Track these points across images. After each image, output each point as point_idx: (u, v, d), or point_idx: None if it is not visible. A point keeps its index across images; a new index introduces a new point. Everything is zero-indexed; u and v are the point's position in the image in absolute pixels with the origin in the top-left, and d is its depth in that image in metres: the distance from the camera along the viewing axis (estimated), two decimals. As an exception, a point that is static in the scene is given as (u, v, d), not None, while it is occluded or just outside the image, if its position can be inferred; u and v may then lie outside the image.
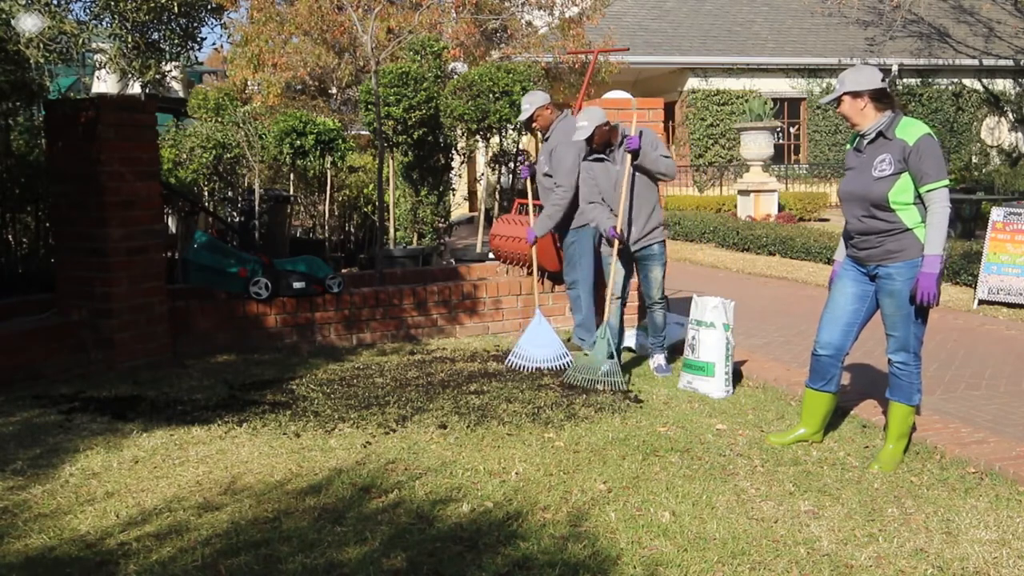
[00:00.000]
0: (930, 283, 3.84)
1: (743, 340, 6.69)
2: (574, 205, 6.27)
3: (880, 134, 3.98)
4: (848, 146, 4.21)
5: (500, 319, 7.23)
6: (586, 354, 5.71)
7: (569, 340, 6.43)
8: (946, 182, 3.87)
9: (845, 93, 4.02)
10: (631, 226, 5.69)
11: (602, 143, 5.69)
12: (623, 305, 5.90)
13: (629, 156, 5.55)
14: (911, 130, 3.91)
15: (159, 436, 4.46)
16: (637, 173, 5.65)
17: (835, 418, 4.77)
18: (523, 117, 6.37)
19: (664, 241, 5.83)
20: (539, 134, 6.61)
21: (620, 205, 5.62)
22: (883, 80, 4.04)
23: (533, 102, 6.34)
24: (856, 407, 4.89)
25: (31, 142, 8.02)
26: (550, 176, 6.30)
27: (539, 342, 6.10)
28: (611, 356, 5.50)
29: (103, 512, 3.51)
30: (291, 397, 5.20)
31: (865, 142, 4.04)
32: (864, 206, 4.00)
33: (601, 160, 5.75)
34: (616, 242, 5.61)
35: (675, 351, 6.26)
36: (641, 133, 5.62)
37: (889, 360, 4.14)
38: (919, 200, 3.92)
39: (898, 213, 3.93)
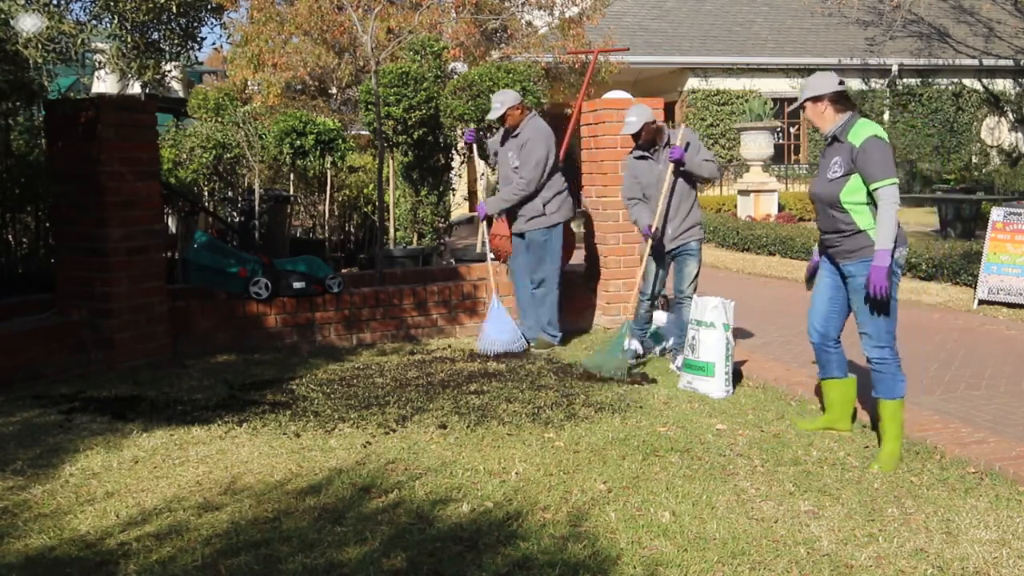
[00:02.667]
0: (880, 276, 3.99)
1: (743, 340, 6.69)
2: (538, 203, 6.37)
3: (835, 137, 4.18)
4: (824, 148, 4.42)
5: (500, 319, 7.21)
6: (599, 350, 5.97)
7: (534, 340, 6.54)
8: (893, 180, 4.02)
9: (807, 99, 4.22)
10: (668, 224, 5.84)
11: (647, 141, 5.84)
12: (652, 303, 6.10)
13: (673, 165, 5.69)
14: (860, 132, 4.08)
15: (159, 436, 4.46)
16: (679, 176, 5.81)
17: (835, 418, 4.77)
18: (495, 115, 6.40)
19: (701, 239, 5.98)
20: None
21: (659, 206, 5.76)
22: (840, 84, 4.23)
23: (504, 101, 6.41)
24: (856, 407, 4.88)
25: (31, 142, 8.02)
26: (519, 170, 6.41)
27: (502, 328, 6.32)
28: (624, 351, 5.74)
29: (103, 512, 3.51)
30: (291, 397, 5.20)
31: (826, 144, 4.27)
32: (824, 206, 4.24)
33: (645, 158, 5.89)
34: (649, 241, 5.77)
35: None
36: (687, 146, 5.72)
37: (867, 357, 4.25)
38: (872, 201, 4.08)
39: (851, 214, 4.12)
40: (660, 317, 6.53)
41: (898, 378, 4.18)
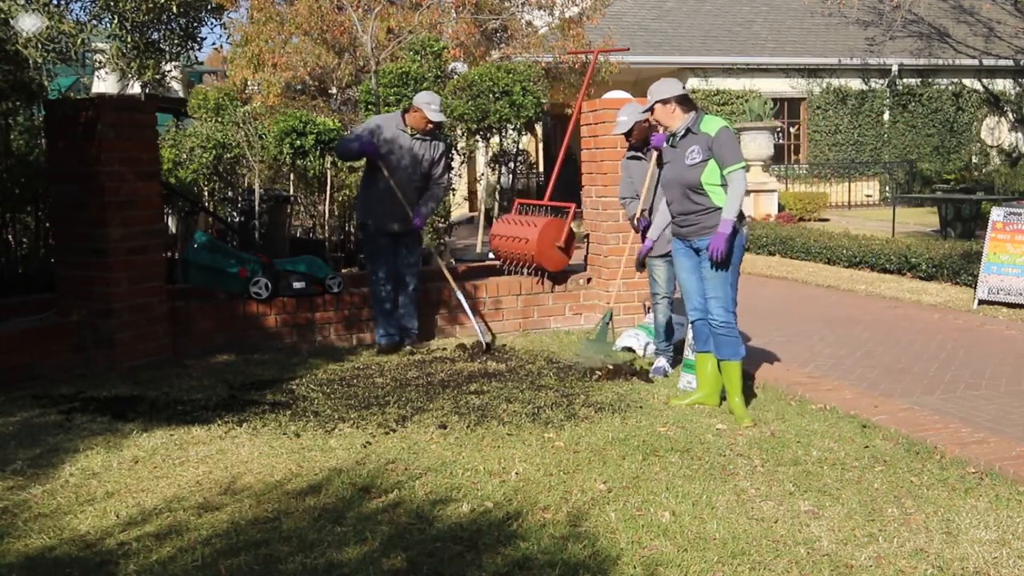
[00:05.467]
0: (720, 242, 4.65)
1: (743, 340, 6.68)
2: (389, 204, 6.39)
3: (688, 130, 4.81)
4: (666, 144, 5.02)
5: (500, 319, 7.22)
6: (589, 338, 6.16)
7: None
8: (742, 164, 4.71)
9: (657, 102, 4.85)
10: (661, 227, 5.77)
11: (640, 140, 5.76)
12: (671, 303, 5.96)
13: (655, 153, 5.61)
14: (712, 125, 4.75)
15: (159, 436, 4.45)
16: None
17: (835, 418, 4.78)
18: (438, 118, 6.37)
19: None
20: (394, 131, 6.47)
21: (642, 196, 5.74)
22: (683, 88, 4.91)
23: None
24: (855, 407, 4.89)
25: (31, 142, 8.03)
26: (423, 177, 6.45)
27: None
28: (603, 340, 6.04)
29: (103, 512, 3.51)
30: (291, 397, 5.20)
31: (677, 138, 4.87)
32: (682, 190, 4.81)
33: (638, 159, 5.84)
34: (639, 229, 5.73)
35: (675, 351, 6.25)
36: (653, 135, 5.67)
37: (712, 324, 4.83)
38: (725, 183, 4.72)
39: (709, 195, 4.75)
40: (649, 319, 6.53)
41: (739, 341, 4.84)
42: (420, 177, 6.47)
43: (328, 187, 10.30)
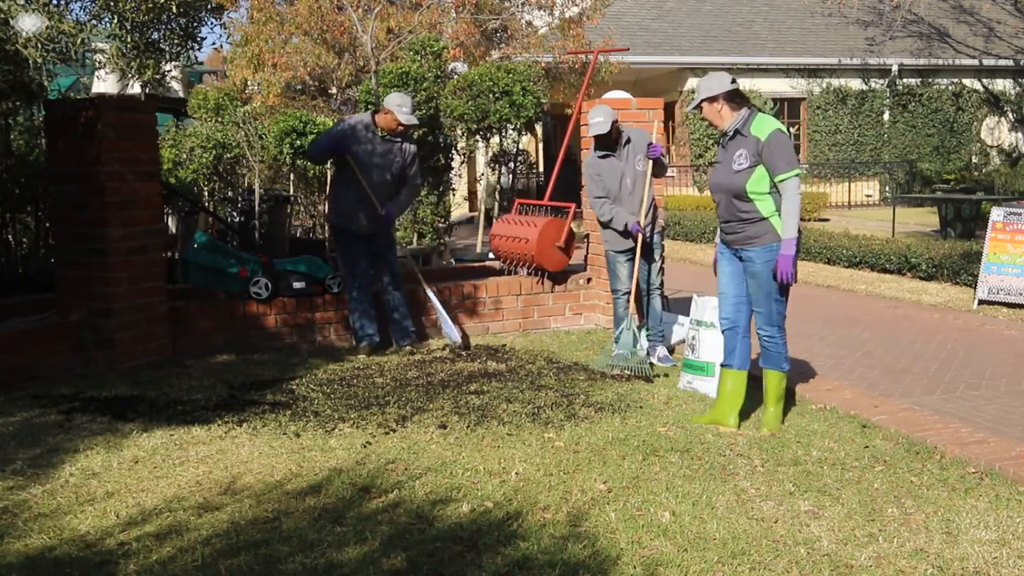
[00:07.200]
0: (787, 264, 4.36)
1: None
2: (360, 205, 6.30)
3: (737, 131, 4.43)
4: (718, 144, 4.67)
5: (500, 319, 7.22)
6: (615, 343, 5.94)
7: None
8: (796, 172, 4.32)
9: (703, 100, 4.46)
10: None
11: (612, 140, 5.88)
12: (630, 299, 6.12)
13: (652, 163, 5.80)
14: (763, 127, 4.35)
15: (159, 436, 4.45)
16: (640, 172, 5.89)
17: (835, 418, 4.77)
18: (409, 120, 6.28)
19: (662, 231, 6.27)
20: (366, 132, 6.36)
21: (644, 203, 5.83)
22: (733, 82, 4.49)
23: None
24: (855, 407, 4.89)
25: (31, 142, 8.03)
26: (394, 179, 6.35)
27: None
28: (636, 344, 5.79)
29: (103, 512, 3.51)
30: (291, 397, 5.20)
31: (727, 139, 4.49)
32: (728, 196, 4.47)
33: (607, 157, 5.92)
34: (639, 237, 5.82)
35: (674, 351, 6.25)
36: (650, 144, 5.84)
37: (758, 334, 4.62)
38: (774, 189, 4.37)
39: (755, 203, 4.38)
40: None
41: (783, 356, 4.62)
42: (392, 179, 6.38)
43: (328, 187, 10.30)
